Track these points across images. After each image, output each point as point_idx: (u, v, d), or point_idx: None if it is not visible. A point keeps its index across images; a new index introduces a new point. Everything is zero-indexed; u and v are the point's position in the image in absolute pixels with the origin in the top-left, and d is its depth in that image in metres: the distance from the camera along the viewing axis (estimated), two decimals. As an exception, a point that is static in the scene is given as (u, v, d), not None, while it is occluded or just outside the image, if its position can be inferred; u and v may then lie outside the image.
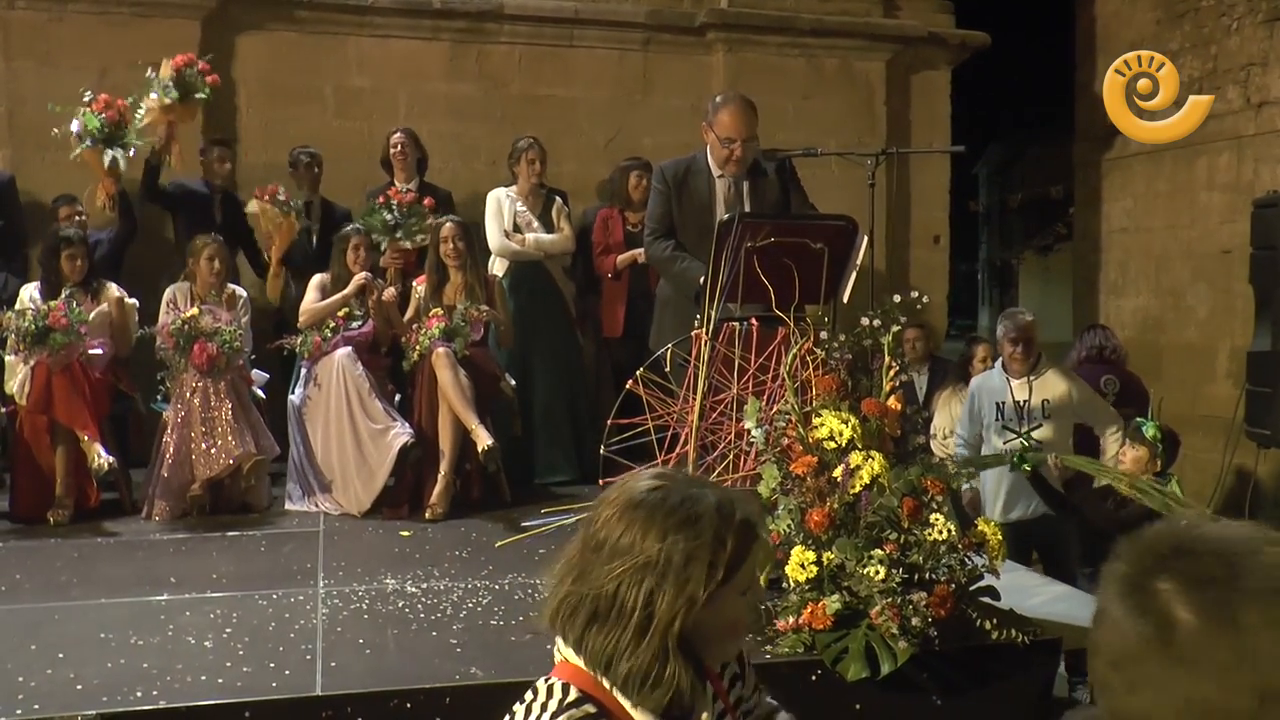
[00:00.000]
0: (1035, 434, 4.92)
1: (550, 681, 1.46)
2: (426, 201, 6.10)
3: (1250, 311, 7.17)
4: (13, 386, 5.05)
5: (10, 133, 6.55)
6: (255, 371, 5.51)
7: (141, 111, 5.63)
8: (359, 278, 5.43)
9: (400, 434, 5.17)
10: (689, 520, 1.41)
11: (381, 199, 6.02)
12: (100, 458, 4.89)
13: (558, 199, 6.27)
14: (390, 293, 5.50)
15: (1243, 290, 7.60)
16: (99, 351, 5.14)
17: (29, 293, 5.22)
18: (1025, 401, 5.07)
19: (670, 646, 1.39)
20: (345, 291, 5.42)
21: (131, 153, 5.65)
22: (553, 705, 1.42)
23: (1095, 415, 5.13)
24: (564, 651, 1.49)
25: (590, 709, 1.41)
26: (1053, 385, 5.13)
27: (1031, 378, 5.11)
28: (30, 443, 5.01)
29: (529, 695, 1.46)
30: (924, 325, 6.63)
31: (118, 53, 6.47)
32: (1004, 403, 5.11)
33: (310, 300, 5.48)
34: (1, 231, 5.80)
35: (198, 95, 5.71)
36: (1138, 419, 4.71)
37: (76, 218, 6.01)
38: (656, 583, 1.39)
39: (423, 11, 7.21)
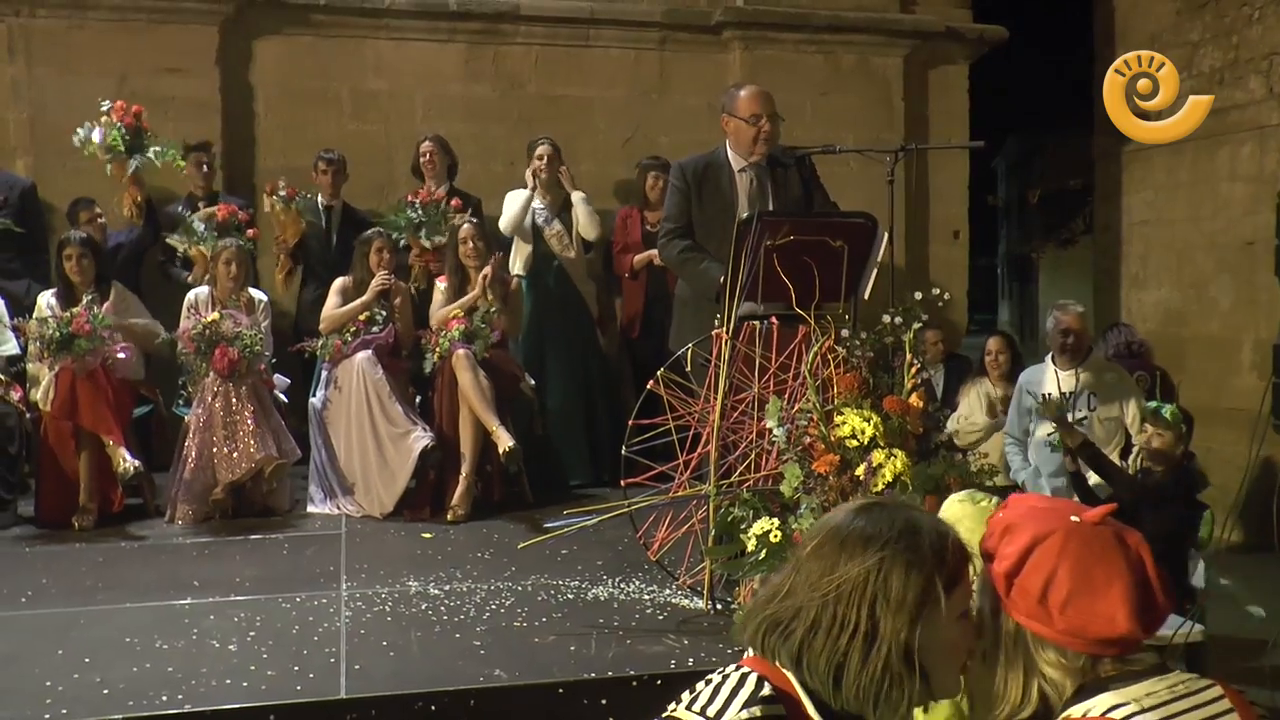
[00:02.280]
0: (1083, 425, 4.91)
1: (743, 671, 1.45)
2: (454, 202, 6.11)
3: (1275, 303, 7.12)
4: (37, 393, 5.08)
5: (32, 140, 6.59)
6: (277, 376, 5.53)
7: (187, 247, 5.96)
8: (378, 280, 5.44)
9: (421, 437, 5.18)
10: (908, 533, 1.43)
11: (410, 196, 6.04)
12: (126, 461, 4.92)
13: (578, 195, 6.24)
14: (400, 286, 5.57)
15: (1266, 282, 7.54)
16: (124, 356, 5.17)
17: (46, 300, 5.26)
18: (1072, 393, 5.05)
19: (899, 657, 1.39)
20: (365, 297, 5.43)
21: (157, 160, 5.71)
22: (744, 694, 1.40)
23: (1126, 400, 5.10)
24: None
25: (781, 710, 1.40)
26: (1100, 376, 5.10)
27: (1079, 369, 5.08)
28: (55, 448, 5.03)
29: (715, 678, 1.45)
30: (941, 325, 6.61)
31: (137, 59, 6.52)
32: (1051, 394, 5.09)
33: (331, 305, 5.49)
34: (23, 238, 5.84)
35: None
36: (1152, 403, 4.71)
37: (97, 219, 6.07)
38: (880, 588, 1.40)
39: (438, 14, 7.22)
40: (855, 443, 3.38)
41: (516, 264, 6.05)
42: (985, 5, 8.44)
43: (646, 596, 3.89)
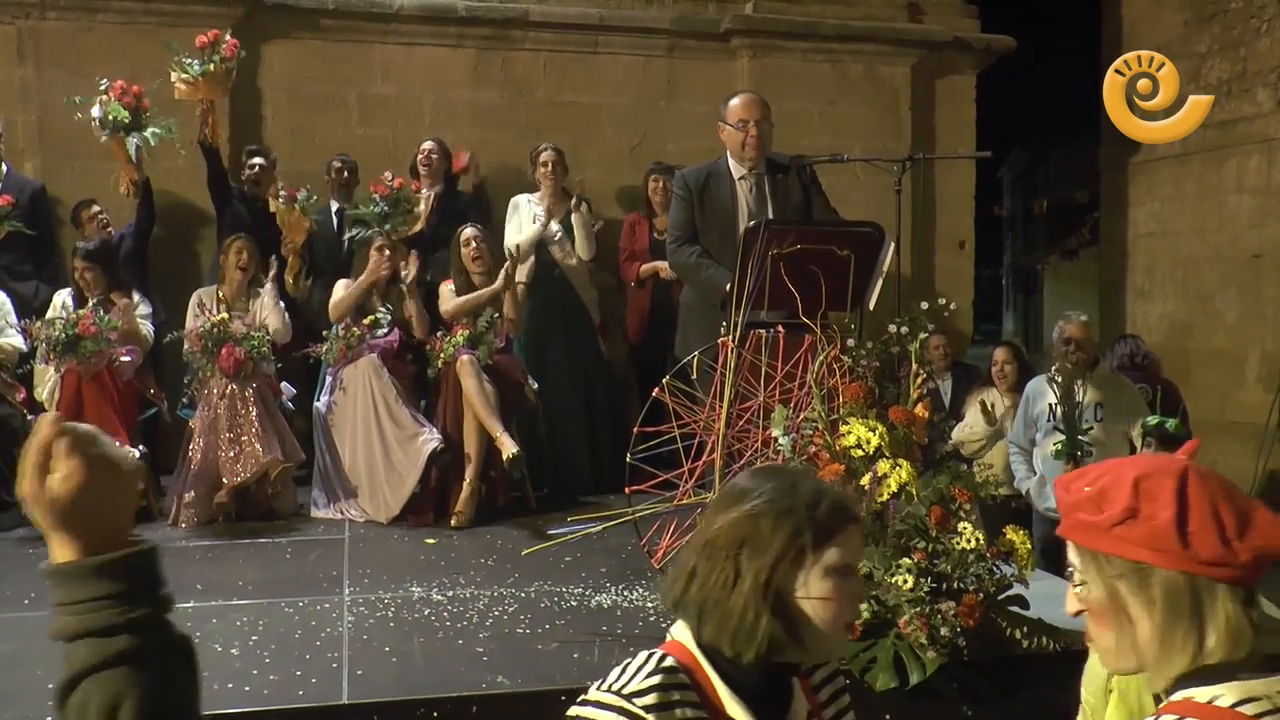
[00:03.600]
0: (1088, 436, 4.90)
1: (649, 650, 1.54)
2: (414, 185, 6.11)
3: (1281, 317, 7.10)
4: (42, 394, 5.09)
5: (41, 142, 6.61)
6: (283, 385, 5.53)
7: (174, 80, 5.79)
8: (375, 261, 5.44)
9: (429, 439, 5.18)
10: (785, 489, 1.51)
11: (372, 186, 6.02)
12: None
13: (584, 204, 6.25)
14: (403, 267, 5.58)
15: (1273, 295, 7.54)
16: (129, 359, 5.19)
17: (62, 299, 5.30)
18: (1080, 404, 5.03)
19: (758, 598, 1.46)
20: (365, 277, 5.44)
21: (152, 139, 5.71)
22: (649, 666, 1.49)
23: (1134, 414, 5.08)
24: (674, 630, 1.57)
25: (683, 679, 1.48)
26: (1106, 387, 5.08)
27: (1087, 381, 5.06)
28: (59, 450, 5.03)
29: (629, 659, 1.53)
30: (946, 332, 6.60)
31: (145, 61, 6.50)
32: (1056, 405, 5.07)
33: (337, 295, 5.50)
34: (32, 241, 5.85)
35: (225, 67, 5.81)
36: (1152, 418, 4.68)
37: (98, 218, 6.08)
38: (748, 534, 1.49)
39: (447, 19, 7.24)
40: (860, 452, 3.37)
41: (520, 271, 6.04)
42: (993, 15, 8.46)
43: (650, 604, 3.88)
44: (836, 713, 1.64)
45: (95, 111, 5.64)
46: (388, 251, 5.52)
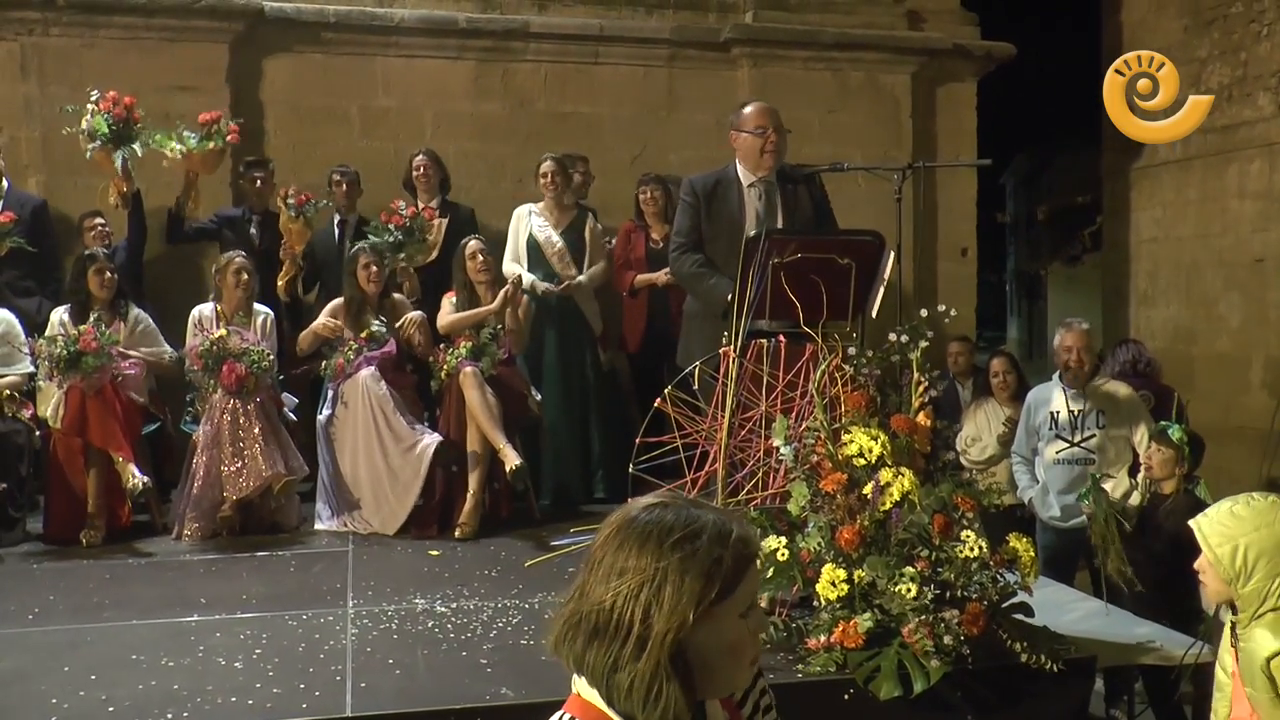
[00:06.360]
0: (1089, 444, 4.88)
1: (560, 715, 1.49)
2: (425, 212, 6.12)
3: (1284, 321, 7.09)
4: (46, 410, 5.10)
5: (44, 158, 6.63)
6: (285, 395, 5.54)
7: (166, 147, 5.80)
8: (325, 324, 5.44)
9: (428, 443, 5.18)
10: (687, 537, 1.43)
11: (384, 215, 6.02)
12: (135, 477, 4.92)
13: (589, 216, 6.24)
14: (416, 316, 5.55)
15: (1276, 299, 7.54)
16: (132, 372, 5.19)
17: (59, 316, 5.29)
18: (1080, 412, 5.02)
19: (667, 660, 1.40)
20: (315, 326, 5.46)
21: (139, 151, 5.72)
22: None
23: (1135, 420, 5.06)
24: (575, 683, 1.51)
25: None
26: (1108, 395, 5.07)
27: (1087, 388, 5.05)
28: (64, 465, 5.04)
29: None
30: (967, 338, 6.58)
31: (148, 77, 6.55)
32: (1058, 413, 5.05)
33: (314, 324, 5.53)
34: (35, 257, 5.86)
35: (214, 145, 5.87)
36: (1162, 422, 4.67)
37: (100, 229, 6.10)
38: (653, 596, 1.41)
39: (448, 31, 7.26)
40: (863, 461, 3.37)
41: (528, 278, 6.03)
42: (993, 22, 8.46)
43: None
44: (752, 711, 1.62)
45: (84, 124, 5.65)
46: (374, 268, 5.50)
